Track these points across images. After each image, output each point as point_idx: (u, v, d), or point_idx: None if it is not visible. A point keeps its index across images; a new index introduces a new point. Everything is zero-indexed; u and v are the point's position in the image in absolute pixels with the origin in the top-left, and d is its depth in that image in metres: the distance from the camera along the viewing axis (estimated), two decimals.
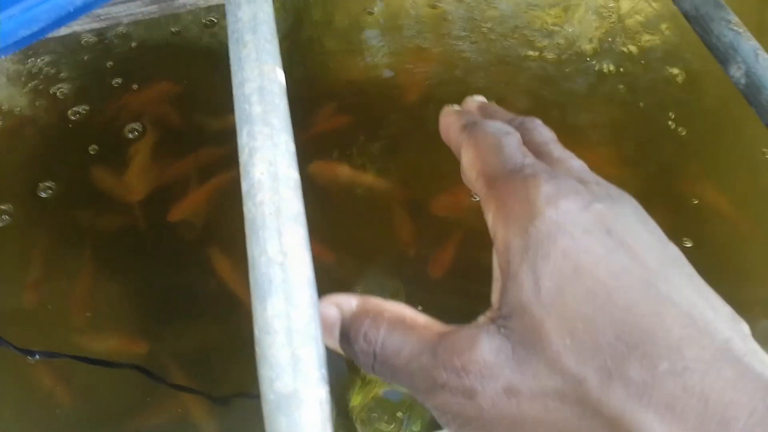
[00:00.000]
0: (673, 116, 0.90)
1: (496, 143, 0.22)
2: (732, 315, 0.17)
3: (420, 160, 0.87)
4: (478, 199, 0.23)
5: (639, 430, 0.15)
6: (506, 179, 0.20)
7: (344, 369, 0.72)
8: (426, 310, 0.23)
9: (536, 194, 0.19)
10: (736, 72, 0.40)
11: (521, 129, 0.24)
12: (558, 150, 0.23)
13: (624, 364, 0.16)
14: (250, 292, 0.26)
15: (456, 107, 0.27)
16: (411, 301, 0.74)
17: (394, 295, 0.77)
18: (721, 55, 0.41)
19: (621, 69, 0.96)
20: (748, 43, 0.40)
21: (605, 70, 0.96)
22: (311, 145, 0.86)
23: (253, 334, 0.24)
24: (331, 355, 0.23)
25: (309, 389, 0.22)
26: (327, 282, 0.26)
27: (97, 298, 0.77)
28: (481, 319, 0.20)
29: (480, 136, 0.23)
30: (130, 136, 0.85)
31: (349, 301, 0.22)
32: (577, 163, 0.22)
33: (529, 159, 0.21)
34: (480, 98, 0.28)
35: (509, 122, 0.24)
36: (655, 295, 0.17)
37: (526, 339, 0.17)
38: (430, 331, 0.20)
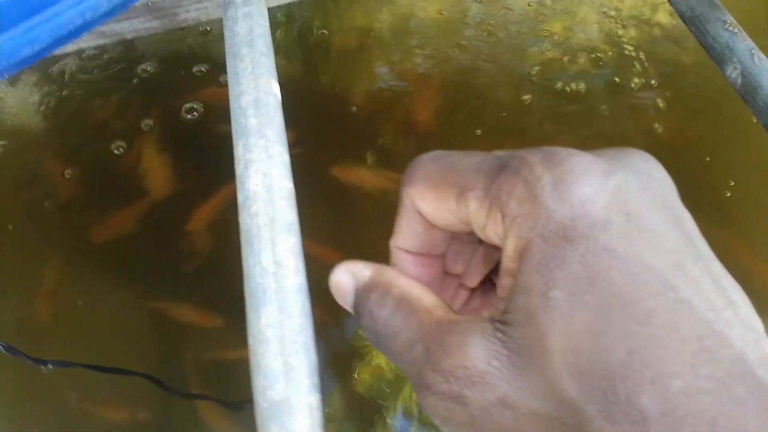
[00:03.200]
0: None
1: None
2: (747, 310, 0.16)
3: None
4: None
5: None
6: (495, 178, 0.17)
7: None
8: None
9: (537, 187, 0.16)
10: (732, 72, 0.40)
11: None
12: None
13: (635, 388, 0.14)
14: (245, 302, 0.26)
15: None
16: None
17: None
18: (717, 56, 0.41)
19: None
20: (743, 43, 0.40)
21: None
22: None
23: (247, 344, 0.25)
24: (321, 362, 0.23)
25: (300, 397, 0.23)
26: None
27: None
28: (484, 315, 0.18)
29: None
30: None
31: (362, 271, 0.21)
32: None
33: (498, 151, 0.18)
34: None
35: None
36: (673, 300, 0.15)
37: (526, 350, 0.16)
38: (431, 317, 0.18)
